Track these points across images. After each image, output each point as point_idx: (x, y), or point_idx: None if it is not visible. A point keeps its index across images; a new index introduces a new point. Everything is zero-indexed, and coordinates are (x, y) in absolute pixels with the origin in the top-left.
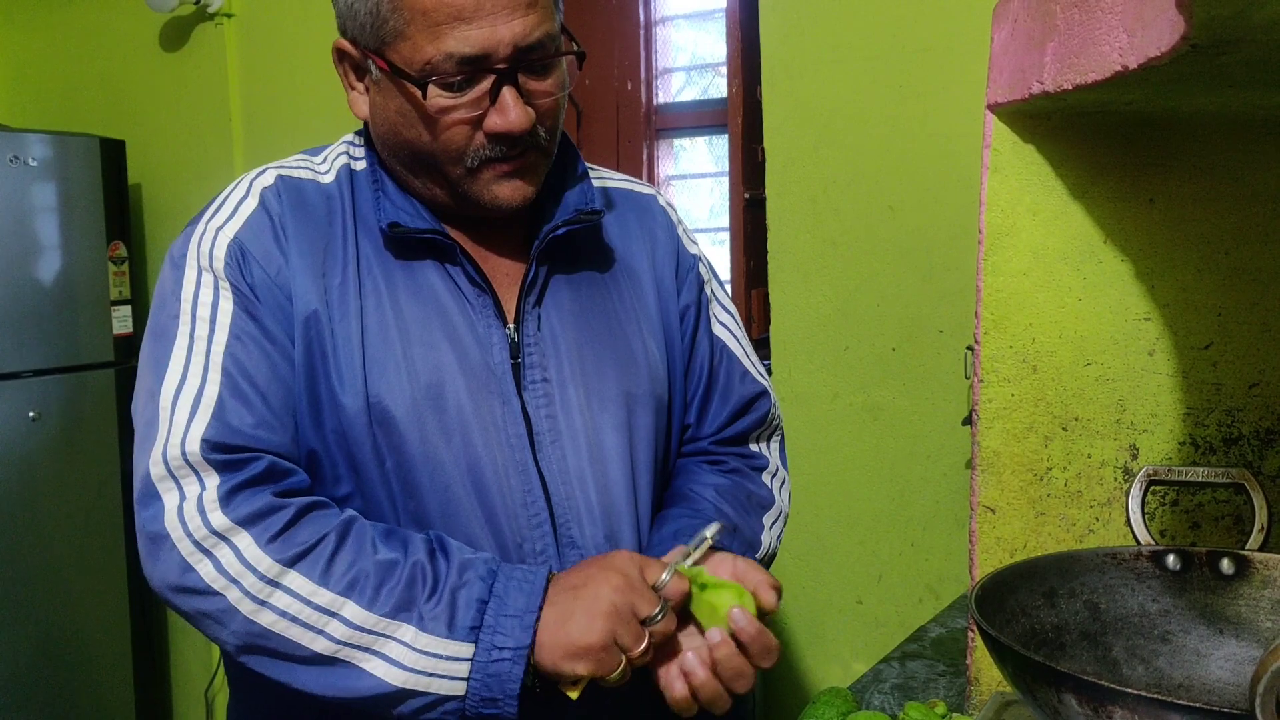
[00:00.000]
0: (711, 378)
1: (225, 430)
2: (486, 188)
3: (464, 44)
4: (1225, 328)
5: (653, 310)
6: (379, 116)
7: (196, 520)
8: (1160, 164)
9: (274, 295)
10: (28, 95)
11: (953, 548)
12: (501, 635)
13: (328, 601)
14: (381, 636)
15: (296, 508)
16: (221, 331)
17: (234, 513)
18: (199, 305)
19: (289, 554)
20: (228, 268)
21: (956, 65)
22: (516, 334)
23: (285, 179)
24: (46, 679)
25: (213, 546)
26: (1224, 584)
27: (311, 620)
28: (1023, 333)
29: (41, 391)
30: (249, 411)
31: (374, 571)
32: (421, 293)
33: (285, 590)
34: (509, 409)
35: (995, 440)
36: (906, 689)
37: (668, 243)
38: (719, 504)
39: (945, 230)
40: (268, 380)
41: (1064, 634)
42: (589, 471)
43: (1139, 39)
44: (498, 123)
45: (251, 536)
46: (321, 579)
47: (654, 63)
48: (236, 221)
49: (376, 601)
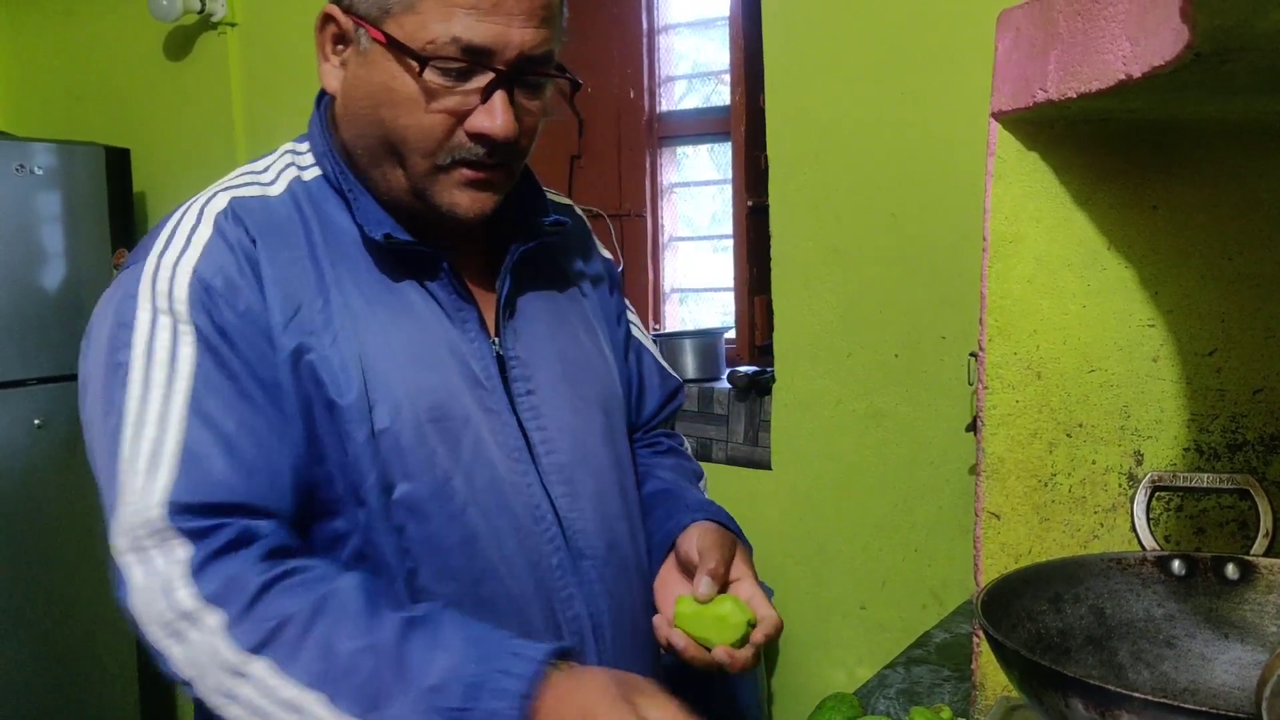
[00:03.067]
0: (641, 378)
1: (190, 488)
2: (447, 191)
3: (473, 32)
4: (1229, 334)
5: (600, 316)
6: (355, 90)
7: (160, 603)
8: (1163, 171)
9: (245, 333)
10: (33, 104)
11: (956, 553)
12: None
13: (293, 697)
14: None
15: (266, 578)
16: (182, 379)
17: (204, 587)
18: (155, 349)
19: (256, 638)
20: (191, 309)
21: (958, 73)
22: (500, 347)
23: (239, 200)
24: (51, 686)
25: (182, 630)
26: (1229, 589)
27: (275, 717)
28: (1027, 339)
29: (46, 399)
30: (216, 465)
31: (342, 655)
32: (408, 310)
33: (251, 682)
34: (506, 423)
35: (1000, 446)
36: (912, 694)
37: (593, 252)
38: (678, 480)
39: (948, 237)
40: (235, 429)
41: (1069, 639)
42: (586, 480)
43: (1142, 47)
44: (484, 123)
45: (219, 618)
46: (287, 666)
47: (656, 71)
48: (193, 254)
49: (345, 696)
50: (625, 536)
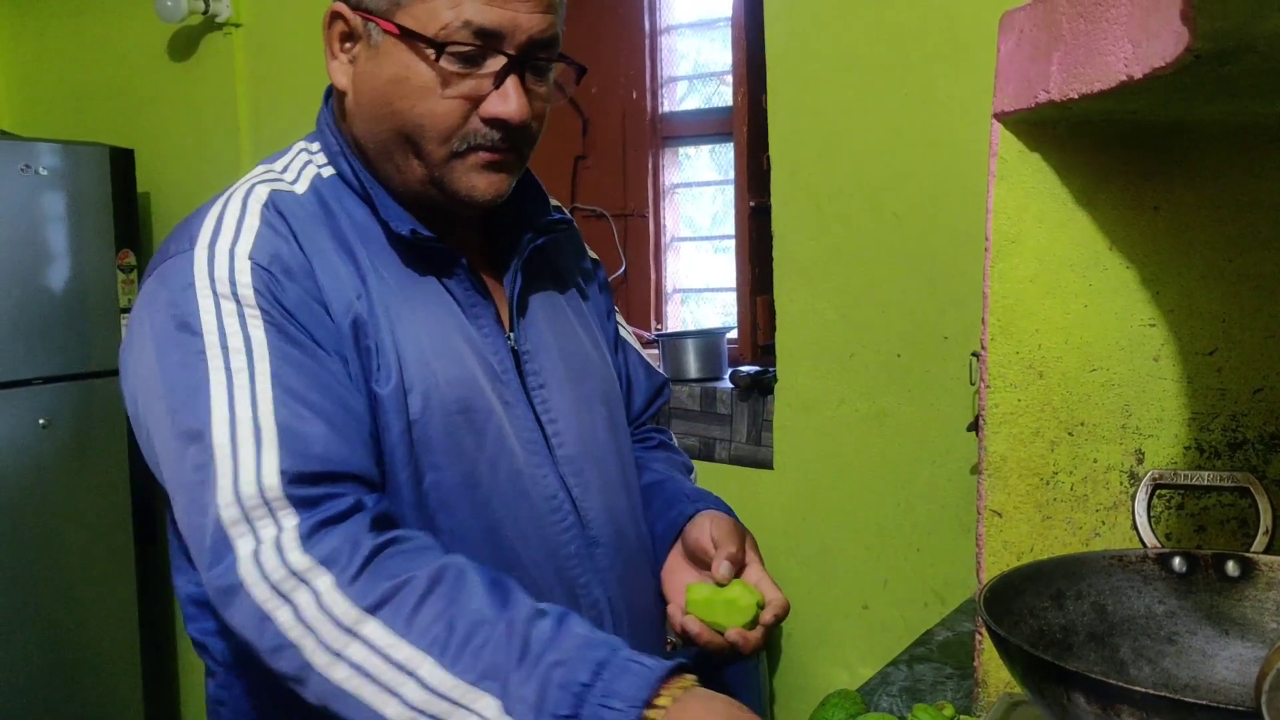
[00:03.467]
0: (630, 376)
1: (299, 459)
2: (465, 175)
3: (484, 16)
4: (1229, 333)
5: (593, 314)
6: (367, 85)
7: (274, 562)
8: (1164, 172)
9: (311, 310)
10: (38, 104)
11: (958, 553)
12: None
13: (405, 658)
14: (459, 707)
15: (379, 542)
16: (262, 361)
17: (315, 550)
18: (228, 335)
19: (371, 598)
20: (257, 293)
21: (961, 74)
22: (514, 342)
23: (276, 193)
24: (55, 685)
25: (291, 590)
26: (1229, 586)
27: (386, 679)
28: (1029, 339)
29: (51, 399)
30: (314, 434)
31: (461, 625)
32: (430, 304)
33: (363, 642)
34: (523, 415)
35: (1002, 445)
36: (914, 691)
37: (584, 255)
38: (671, 473)
39: (950, 237)
40: (322, 399)
41: (1071, 635)
42: (593, 471)
43: (1144, 49)
44: (500, 108)
45: (333, 576)
46: (404, 629)
47: (659, 71)
48: (246, 241)
49: (460, 662)
50: (630, 525)
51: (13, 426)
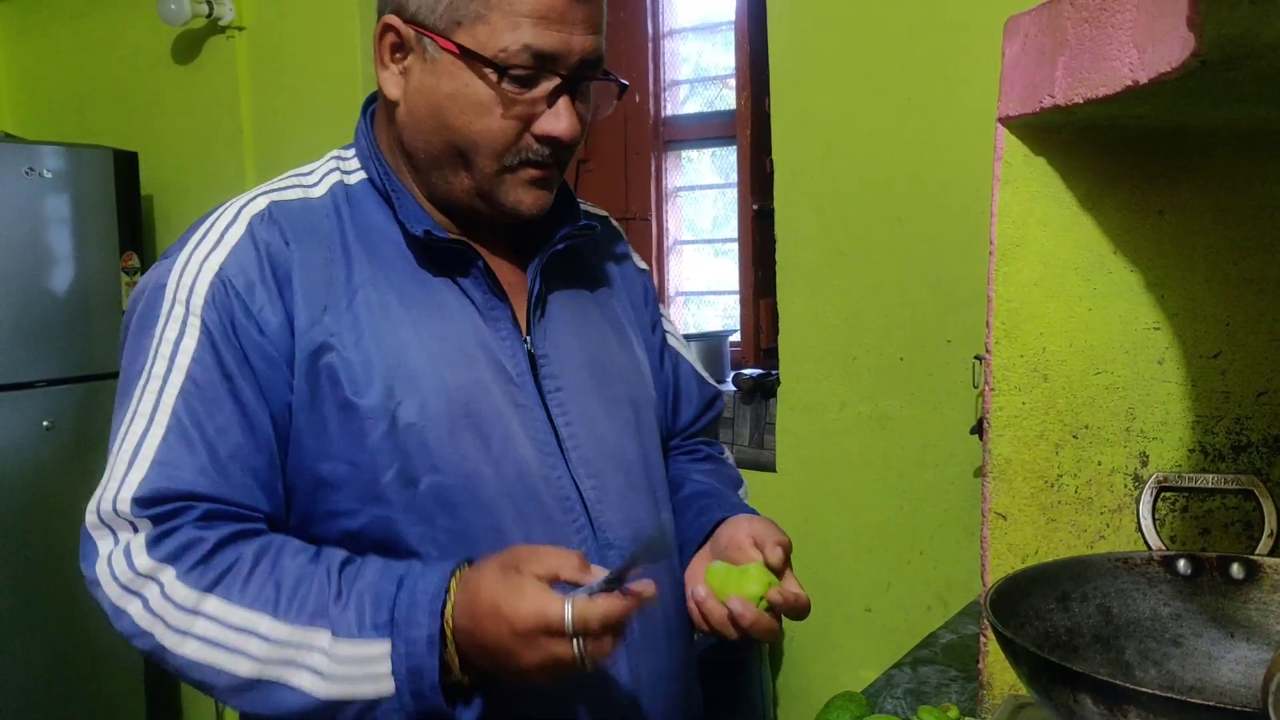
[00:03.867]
0: (677, 386)
1: (160, 481)
2: (513, 190)
3: (542, 40)
4: (1234, 337)
5: (633, 321)
6: (422, 99)
7: (122, 564)
8: (1169, 176)
9: (252, 335)
10: (41, 107)
11: (961, 556)
12: (414, 626)
13: (243, 620)
14: (300, 648)
15: (218, 538)
16: (178, 374)
17: (157, 552)
18: (163, 342)
19: (206, 580)
20: (206, 306)
21: (964, 77)
22: (530, 344)
23: (278, 204)
24: (58, 687)
25: (139, 588)
26: (1234, 588)
27: (230, 642)
28: (1033, 342)
29: (55, 401)
30: (190, 461)
31: (286, 583)
32: (440, 307)
33: (204, 617)
34: (536, 418)
35: (1006, 448)
36: (919, 694)
37: (627, 261)
38: (713, 484)
39: (953, 241)
40: (218, 429)
41: (1077, 637)
42: (612, 474)
43: (1149, 54)
44: (554, 126)
45: (174, 571)
46: (238, 598)
47: (662, 75)
48: (221, 252)
49: (290, 612)
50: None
51: (16, 428)
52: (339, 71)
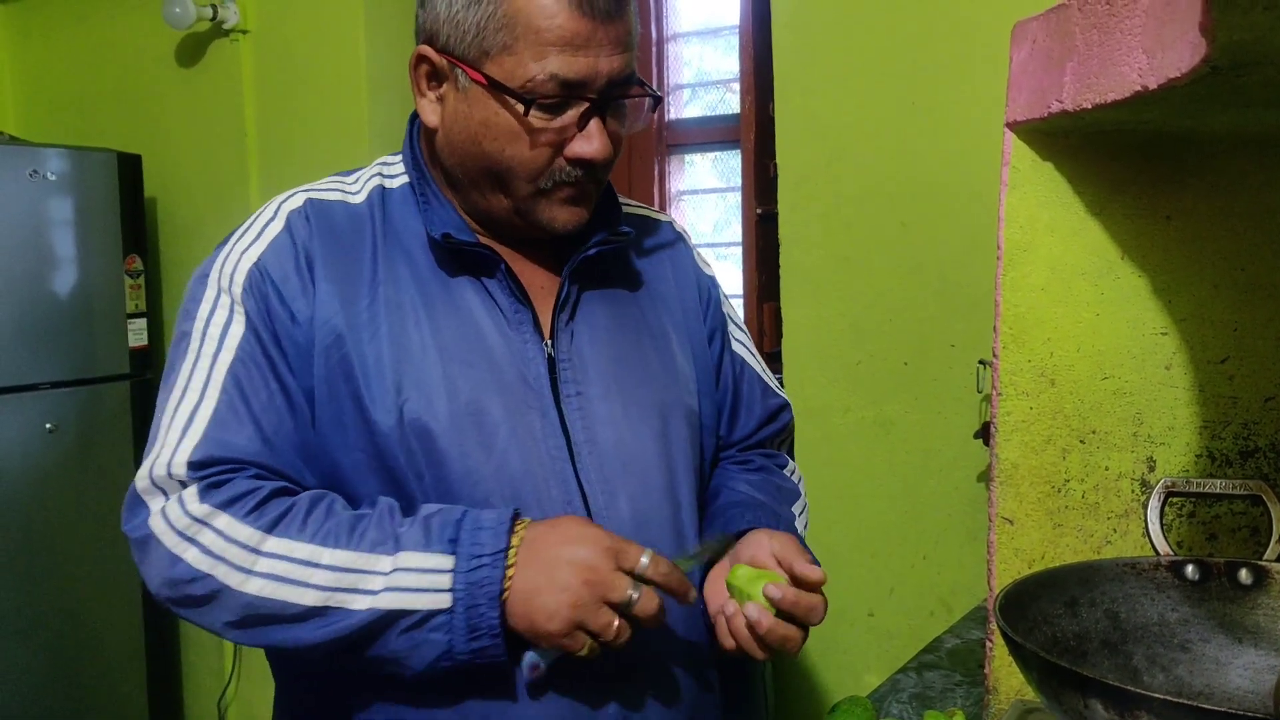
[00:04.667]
0: (737, 394)
1: (212, 448)
2: (549, 209)
3: (568, 68)
4: (1241, 342)
5: (680, 328)
6: (457, 126)
7: (177, 512)
8: (1177, 181)
9: (285, 324)
10: (45, 110)
11: (965, 561)
12: (478, 545)
13: (307, 554)
14: (364, 573)
15: (271, 488)
16: (227, 352)
17: (212, 499)
18: (211, 325)
19: (266, 520)
20: (245, 293)
21: (969, 82)
22: (552, 349)
23: (314, 202)
24: (60, 688)
25: (195, 533)
26: (1242, 594)
27: (296, 575)
28: (1041, 347)
29: (58, 403)
30: (240, 430)
31: (346, 521)
32: (459, 311)
33: (268, 555)
34: (548, 422)
35: (1013, 453)
36: (924, 698)
37: (687, 267)
38: (753, 493)
39: (957, 245)
40: (264, 405)
41: (1085, 642)
42: (625, 481)
43: (1159, 60)
44: (586, 149)
45: (230, 515)
46: (298, 534)
47: (666, 79)
48: (260, 245)
49: (352, 541)
50: (667, 542)
51: (19, 431)
52: (343, 75)
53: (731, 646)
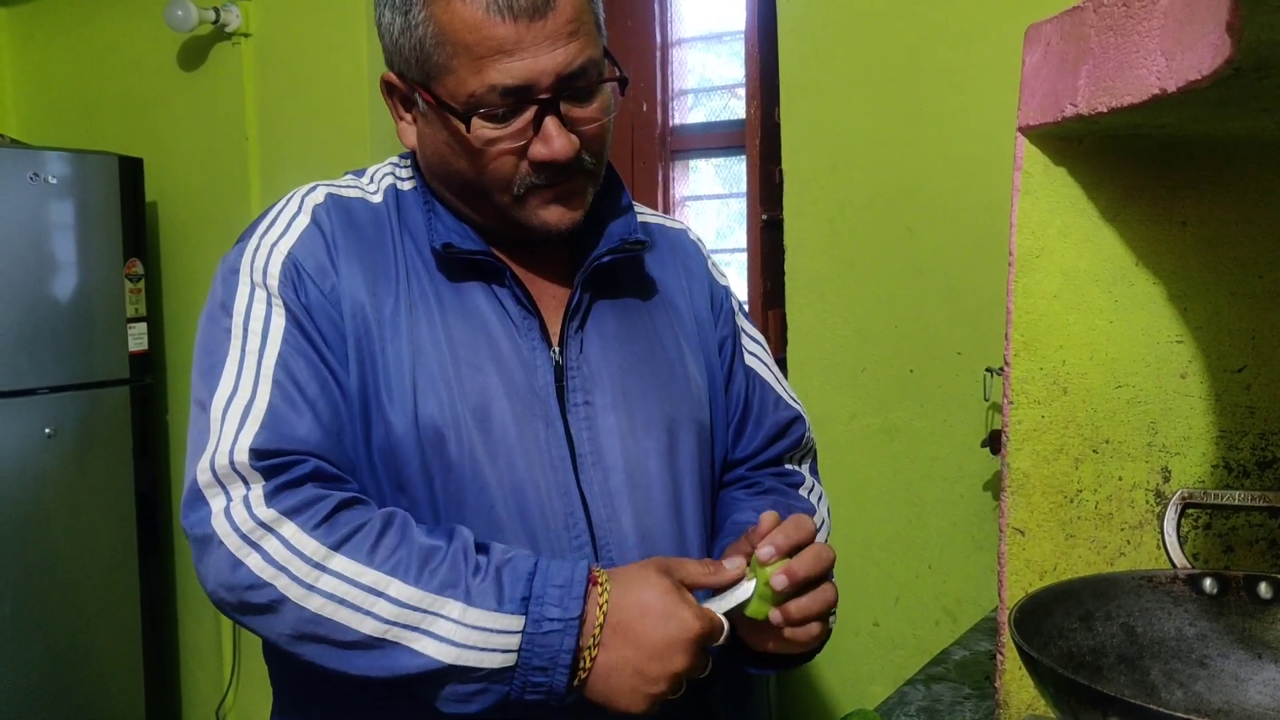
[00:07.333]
0: (747, 406)
1: (274, 437)
2: (534, 213)
3: (506, 76)
4: (1259, 350)
5: (692, 338)
6: (427, 147)
7: (243, 514)
8: (1193, 187)
9: (326, 312)
10: (47, 113)
11: (970, 570)
12: (551, 606)
13: (373, 581)
14: (429, 614)
15: (340, 499)
16: (273, 345)
17: (279, 505)
18: (251, 319)
19: (334, 538)
20: (282, 285)
21: (975, 88)
22: (560, 357)
23: (335, 197)
24: (58, 695)
25: (260, 539)
26: (1262, 608)
27: (359, 601)
28: (1053, 355)
29: (57, 408)
30: (299, 420)
31: (418, 553)
32: (469, 314)
33: (332, 573)
34: (553, 431)
35: (1025, 462)
36: (932, 712)
37: (701, 276)
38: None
39: (964, 252)
40: (317, 393)
41: (1101, 657)
42: (630, 494)
43: (1178, 62)
44: (542, 152)
45: (297, 525)
46: (367, 559)
47: (670, 84)
48: (290, 237)
49: (422, 579)
50: (671, 554)
51: (18, 435)
52: (345, 79)
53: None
